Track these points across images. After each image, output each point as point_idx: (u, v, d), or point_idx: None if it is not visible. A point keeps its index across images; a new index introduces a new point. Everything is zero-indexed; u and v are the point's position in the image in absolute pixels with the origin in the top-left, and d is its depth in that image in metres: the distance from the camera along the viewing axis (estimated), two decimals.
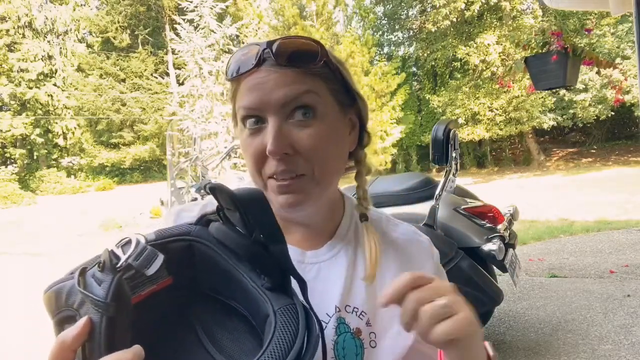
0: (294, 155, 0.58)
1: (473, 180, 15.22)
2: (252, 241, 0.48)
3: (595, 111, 14.76)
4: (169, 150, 4.86)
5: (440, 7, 16.22)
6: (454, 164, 2.63)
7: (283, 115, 0.59)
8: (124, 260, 0.41)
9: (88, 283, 0.41)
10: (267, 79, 0.58)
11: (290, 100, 0.58)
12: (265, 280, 0.47)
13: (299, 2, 14.58)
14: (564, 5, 2.79)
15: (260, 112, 0.59)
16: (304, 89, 0.59)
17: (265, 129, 0.59)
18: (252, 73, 0.59)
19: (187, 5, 16.03)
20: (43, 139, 24.50)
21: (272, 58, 0.58)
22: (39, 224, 12.75)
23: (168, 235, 0.50)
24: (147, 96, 24.80)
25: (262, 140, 0.59)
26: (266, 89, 0.58)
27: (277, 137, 0.57)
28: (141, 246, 0.43)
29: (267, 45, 0.59)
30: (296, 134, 0.59)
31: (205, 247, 0.50)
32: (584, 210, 7.51)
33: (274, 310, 0.44)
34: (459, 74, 17.86)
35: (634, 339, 2.76)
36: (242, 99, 0.60)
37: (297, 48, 0.59)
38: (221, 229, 0.50)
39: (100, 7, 27.61)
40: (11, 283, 5.96)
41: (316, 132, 0.59)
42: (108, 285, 0.40)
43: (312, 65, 0.60)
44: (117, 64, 25.70)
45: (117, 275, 0.40)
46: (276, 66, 0.59)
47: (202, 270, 0.50)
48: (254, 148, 0.60)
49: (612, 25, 13.73)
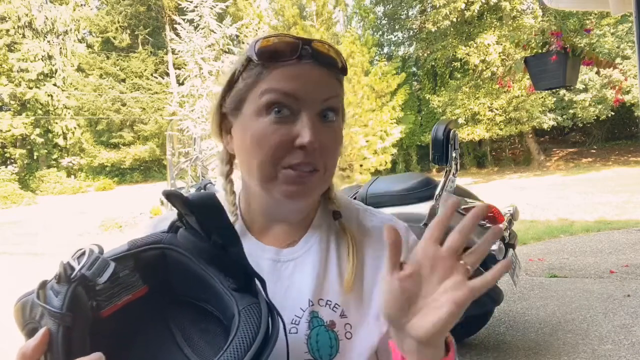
0: (317, 151, 0.60)
1: (473, 180, 15.22)
2: (211, 244, 0.49)
3: (595, 111, 14.76)
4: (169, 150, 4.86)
5: (440, 7, 16.21)
6: (454, 164, 2.62)
7: (317, 111, 0.61)
8: (77, 270, 0.42)
9: (47, 295, 0.42)
10: (309, 73, 0.60)
11: (327, 99, 0.61)
12: (230, 282, 0.48)
13: (299, 2, 14.58)
14: (564, 5, 2.79)
15: (294, 102, 0.60)
16: (336, 93, 0.63)
17: (293, 120, 0.60)
18: (292, 64, 0.60)
19: (187, 5, 16.02)
20: (43, 139, 24.51)
21: (311, 55, 0.61)
22: (39, 224, 12.75)
23: (141, 245, 0.51)
24: (147, 96, 24.80)
25: (290, 131, 0.59)
26: (308, 81, 0.60)
27: (315, 130, 0.59)
28: (94, 256, 0.44)
29: (305, 42, 0.61)
30: (324, 131, 0.61)
31: (176, 254, 0.51)
32: (584, 210, 7.51)
33: (238, 310, 0.45)
34: (459, 74, 17.86)
35: (634, 339, 2.76)
36: (277, 84, 0.60)
37: (332, 54, 0.63)
38: (183, 234, 0.51)
39: (100, 7, 27.63)
40: (11, 283, 5.96)
41: (336, 134, 0.64)
42: (63, 296, 0.41)
43: (340, 73, 0.65)
44: (117, 64, 25.71)
45: (71, 286, 0.42)
46: (316, 64, 0.61)
47: (175, 276, 0.51)
48: (279, 137, 0.59)
49: (612, 25, 13.72)
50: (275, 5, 14.69)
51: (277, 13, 14.44)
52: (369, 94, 12.51)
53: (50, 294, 0.42)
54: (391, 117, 13.26)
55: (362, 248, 0.68)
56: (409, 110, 17.78)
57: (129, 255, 0.49)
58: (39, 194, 22.60)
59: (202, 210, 0.48)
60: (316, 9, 14.08)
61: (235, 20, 16.96)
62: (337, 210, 0.70)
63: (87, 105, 24.47)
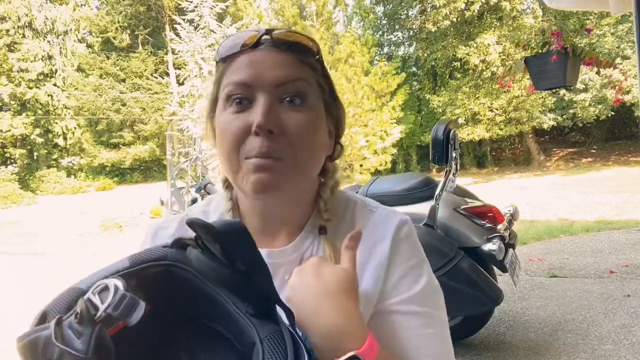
0: (279, 136, 0.57)
1: (473, 180, 15.23)
2: (234, 271, 0.46)
3: (595, 111, 14.76)
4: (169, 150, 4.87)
5: (440, 7, 16.22)
6: (454, 164, 2.63)
7: (275, 96, 0.58)
8: (103, 310, 0.39)
9: (65, 335, 0.38)
10: (264, 58, 0.59)
11: (286, 82, 0.58)
12: (248, 307, 0.45)
13: (299, 2, 14.58)
14: (564, 5, 2.80)
15: (250, 90, 0.58)
16: (300, 75, 0.60)
17: (251, 108, 0.58)
18: (248, 52, 0.59)
19: (187, 5, 16.02)
20: (43, 139, 24.51)
21: (271, 41, 0.60)
22: (39, 224, 12.75)
23: (143, 261, 0.48)
24: (147, 96, 24.80)
25: (247, 118, 0.58)
26: (262, 67, 0.58)
27: (268, 112, 0.56)
28: (120, 294, 0.40)
29: (266, 31, 0.60)
30: (284, 114, 0.58)
31: (184, 272, 0.48)
32: (584, 210, 7.51)
33: (260, 338, 0.43)
34: (459, 74, 17.86)
35: (634, 339, 2.76)
36: (233, 76, 0.59)
37: (297, 38, 0.61)
38: (201, 258, 0.48)
39: (100, 7, 27.65)
40: (11, 283, 5.96)
41: (304, 118, 0.59)
42: (88, 338, 0.38)
43: (309, 57, 0.62)
44: (117, 64, 25.72)
45: (96, 328, 0.38)
46: (274, 48, 0.60)
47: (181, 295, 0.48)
48: (237, 126, 0.58)
49: (612, 25, 13.73)
50: (275, 5, 14.69)
51: (277, 13, 14.43)
52: (369, 94, 12.51)
53: (70, 334, 0.38)
54: (391, 117, 13.25)
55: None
56: (409, 110, 17.78)
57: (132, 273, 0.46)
58: (39, 194, 22.60)
59: (228, 240, 0.45)
60: (316, 9, 14.08)
61: (235, 20, 16.97)
62: (322, 225, 0.65)
63: (87, 105, 24.48)
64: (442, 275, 2.31)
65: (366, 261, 0.63)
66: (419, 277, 0.64)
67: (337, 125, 0.68)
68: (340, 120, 0.69)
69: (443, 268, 2.33)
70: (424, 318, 0.61)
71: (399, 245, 0.65)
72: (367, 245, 0.64)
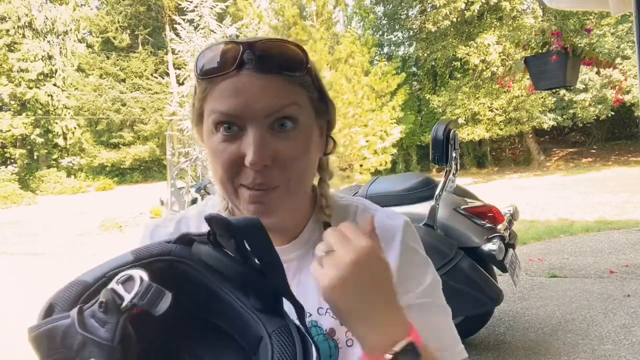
0: (272, 168, 0.56)
1: (473, 180, 15.23)
2: (248, 268, 0.46)
3: (595, 111, 14.76)
4: (169, 150, 4.87)
5: (440, 7, 16.22)
6: (454, 164, 2.63)
7: (264, 125, 0.55)
8: (129, 300, 0.39)
9: (89, 324, 0.39)
10: (249, 85, 0.55)
11: (274, 111, 0.55)
12: (256, 302, 0.45)
13: (299, 2, 14.58)
14: (564, 5, 2.80)
15: (239, 120, 0.55)
16: (290, 101, 0.56)
17: (242, 136, 0.56)
18: (232, 76, 0.55)
19: (187, 5, 16.03)
20: (43, 139, 24.51)
21: (254, 61, 0.55)
22: (39, 224, 12.76)
23: (147, 256, 0.48)
24: (147, 96, 24.80)
25: (238, 148, 0.56)
26: (249, 96, 0.55)
27: (260, 149, 0.54)
28: (146, 284, 0.40)
29: (247, 46, 0.55)
30: (278, 145, 0.56)
31: (187, 267, 0.48)
32: (584, 210, 7.51)
33: (268, 333, 0.43)
34: (459, 74, 17.86)
35: (634, 339, 2.76)
36: (218, 103, 0.56)
37: (283, 54, 0.56)
38: (212, 254, 0.48)
39: (100, 7, 27.65)
40: (11, 283, 5.96)
41: (297, 144, 0.58)
42: (114, 327, 0.38)
43: (297, 74, 0.57)
44: (117, 64, 25.72)
45: (122, 317, 0.38)
46: (259, 72, 0.55)
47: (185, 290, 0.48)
48: (228, 155, 0.56)
49: (612, 25, 13.73)
50: (275, 5, 14.69)
51: (277, 13, 14.43)
52: (369, 94, 12.51)
53: (93, 323, 0.38)
54: (391, 117, 13.26)
55: None
56: (409, 110, 17.78)
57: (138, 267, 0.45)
58: (39, 194, 22.61)
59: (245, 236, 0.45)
60: (316, 9, 14.08)
61: (235, 20, 16.97)
62: (327, 222, 0.66)
63: (87, 105, 24.48)
64: (442, 275, 2.29)
65: None
66: (426, 274, 0.67)
67: (328, 122, 0.67)
68: (332, 117, 0.67)
69: (443, 268, 2.33)
70: (434, 308, 0.65)
71: (407, 248, 0.67)
72: None
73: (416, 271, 0.66)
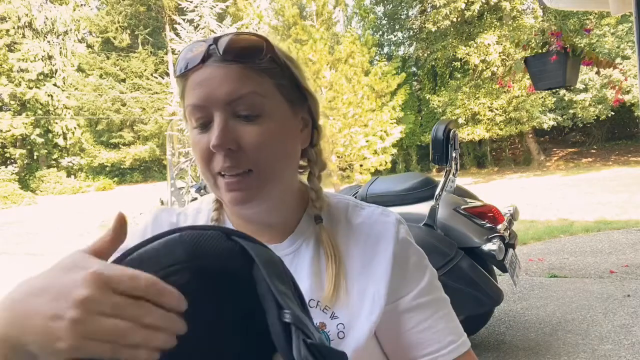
0: (239, 152, 0.58)
1: (473, 180, 15.23)
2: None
3: (595, 111, 14.76)
4: (169, 150, 4.87)
5: (440, 7, 16.22)
6: (454, 164, 2.63)
7: (229, 112, 0.59)
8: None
9: None
10: (212, 75, 0.59)
11: (235, 98, 0.58)
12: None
13: (299, 2, 14.57)
14: (564, 5, 2.80)
15: (206, 109, 0.59)
16: (250, 88, 0.59)
17: (211, 128, 0.59)
18: (198, 69, 0.59)
19: (187, 5, 16.04)
20: (43, 139, 24.50)
21: (218, 54, 0.59)
22: (39, 224, 12.75)
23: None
24: (147, 96, 24.80)
25: (208, 138, 0.59)
26: (211, 85, 0.58)
27: (222, 132, 0.57)
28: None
29: (213, 41, 0.59)
30: (241, 130, 0.59)
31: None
32: (584, 210, 7.51)
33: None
34: (459, 74, 17.86)
35: (634, 339, 2.76)
36: (189, 96, 0.60)
37: (242, 44, 0.60)
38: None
39: (100, 7, 27.64)
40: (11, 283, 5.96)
41: (262, 130, 0.59)
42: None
43: (257, 61, 0.60)
44: (117, 64, 25.71)
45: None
46: (222, 62, 0.59)
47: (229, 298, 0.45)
48: (201, 145, 0.60)
49: (612, 25, 13.73)
50: (275, 5, 14.69)
51: (277, 13, 14.43)
52: (369, 94, 12.49)
53: None
54: (391, 117, 13.25)
55: (349, 247, 0.67)
56: (409, 110, 17.78)
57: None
58: (39, 194, 22.61)
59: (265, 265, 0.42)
60: (316, 9, 14.07)
61: (235, 20, 16.97)
62: (318, 215, 0.68)
63: (87, 105, 24.48)
64: (442, 275, 2.30)
65: (371, 260, 0.66)
66: (425, 269, 0.68)
67: (310, 112, 0.68)
68: (312, 108, 0.68)
69: (443, 268, 2.33)
70: (435, 304, 0.66)
71: (402, 244, 0.67)
72: (369, 244, 0.67)
73: (413, 268, 0.67)
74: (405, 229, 0.70)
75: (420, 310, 0.65)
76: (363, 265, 0.65)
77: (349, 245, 0.67)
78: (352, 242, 0.67)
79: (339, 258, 0.65)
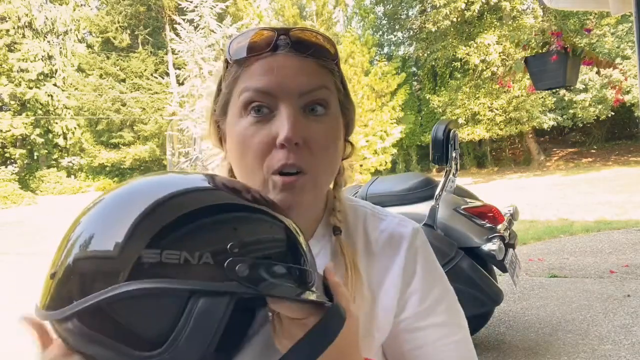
0: (303, 148, 0.55)
1: (473, 180, 15.23)
2: None
3: (595, 111, 14.77)
4: (169, 150, 4.87)
5: (440, 7, 16.21)
6: (454, 164, 2.62)
7: (298, 105, 0.55)
8: None
9: None
10: (286, 64, 0.56)
11: (310, 90, 0.56)
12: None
13: (299, 2, 14.59)
14: (564, 5, 2.79)
15: (271, 98, 0.55)
16: (322, 83, 0.57)
17: (273, 118, 0.55)
18: (266, 57, 0.56)
19: (187, 5, 16.04)
20: (43, 139, 24.49)
21: (290, 45, 0.56)
22: (39, 224, 12.75)
23: None
24: (147, 96, 24.79)
25: (270, 130, 0.54)
26: (284, 74, 0.55)
27: (294, 125, 0.53)
28: None
29: (282, 32, 0.57)
30: (309, 126, 0.55)
31: None
32: (584, 210, 7.50)
33: None
34: (459, 74, 17.86)
35: (634, 339, 2.76)
36: (251, 81, 0.56)
37: (317, 40, 0.58)
38: None
39: (100, 7, 27.62)
40: (11, 283, 5.96)
41: (327, 129, 0.57)
42: None
43: (328, 59, 0.59)
44: (117, 64, 25.69)
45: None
46: (295, 53, 0.56)
47: None
48: (260, 138, 0.55)
49: (612, 25, 13.73)
50: (275, 5, 14.70)
51: (277, 13, 14.44)
52: (369, 94, 12.51)
53: None
54: (391, 117, 13.26)
55: (367, 258, 0.65)
56: (409, 110, 17.78)
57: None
58: (39, 194, 22.60)
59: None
60: (316, 9, 14.08)
61: (235, 20, 16.97)
62: (337, 226, 0.64)
63: (87, 105, 24.46)
64: None
65: (385, 273, 0.64)
66: (435, 285, 0.65)
67: (348, 124, 0.66)
68: (352, 119, 0.66)
69: (443, 268, 2.32)
70: (446, 328, 0.63)
71: (415, 256, 0.65)
72: (384, 256, 0.65)
73: (422, 282, 0.64)
74: (422, 240, 0.67)
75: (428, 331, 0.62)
76: (377, 279, 0.64)
77: (365, 258, 0.65)
78: (368, 254, 0.65)
79: (358, 270, 0.62)
